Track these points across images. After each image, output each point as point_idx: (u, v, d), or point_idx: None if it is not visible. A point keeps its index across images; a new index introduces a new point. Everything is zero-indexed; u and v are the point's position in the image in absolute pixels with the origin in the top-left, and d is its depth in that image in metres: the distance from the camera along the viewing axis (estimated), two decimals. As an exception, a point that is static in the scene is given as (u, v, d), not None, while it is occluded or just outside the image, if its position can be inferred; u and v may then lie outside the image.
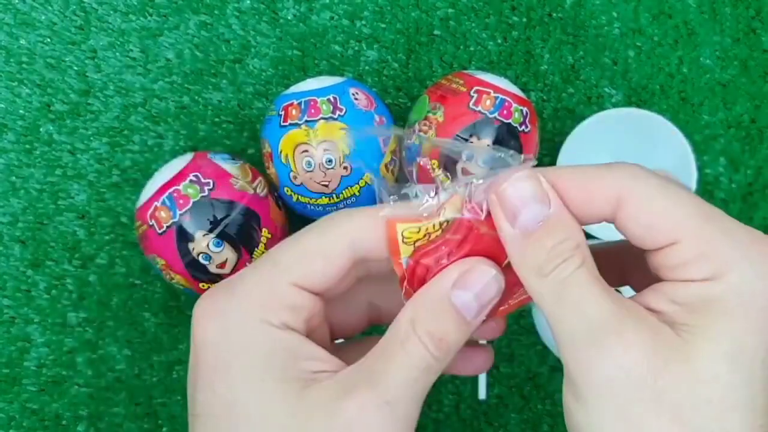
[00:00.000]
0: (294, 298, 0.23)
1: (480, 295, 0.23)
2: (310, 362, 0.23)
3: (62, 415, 0.44)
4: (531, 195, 0.22)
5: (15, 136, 0.45)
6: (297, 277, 0.23)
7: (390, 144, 0.41)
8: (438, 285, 0.23)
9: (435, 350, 0.22)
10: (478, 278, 0.23)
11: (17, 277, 0.44)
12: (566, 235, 0.22)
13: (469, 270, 0.23)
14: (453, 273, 0.23)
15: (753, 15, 0.47)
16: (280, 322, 0.23)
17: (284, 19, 0.46)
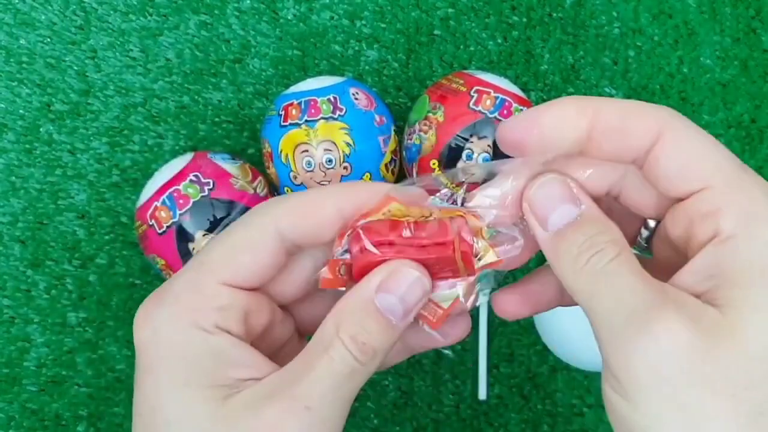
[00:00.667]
0: (223, 298, 0.23)
1: (405, 297, 0.22)
2: (238, 369, 0.22)
3: (62, 415, 0.44)
4: (559, 196, 0.22)
5: (15, 136, 0.45)
6: (224, 275, 0.23)
7: (390, 144, 0.41)
8: (362, 288, 0.23)
9: (359, 354, 0.22)
10: (402, 281, 0.23)
11: (17, 277, 0.44)
12: (598, 229, 0.21)
13: (393, 273, 0.23)
14: (377, 276, 0.23)
15: (753, 15, 0.47)
16: (210, 325, 0.22)
17: (284, 18, 0.46)
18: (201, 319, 0.22)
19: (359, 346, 0.22)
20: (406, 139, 0.42)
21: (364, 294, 0.23)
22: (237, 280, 0.23)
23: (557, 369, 0.46)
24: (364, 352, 0.22)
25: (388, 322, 0.22)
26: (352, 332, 0.22)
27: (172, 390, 0.22)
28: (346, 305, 0.23)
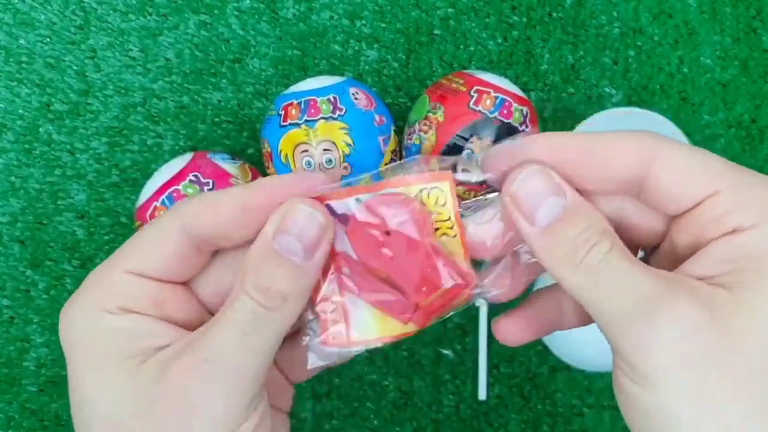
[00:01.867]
0: (128, 284, 0.23)
1: (302, 234, 0.22)
2: (150, 339, 0.22)
3: (61, 416, 0.44)
4: (544, 190, 0.22)
5: (14, 136, 0.44)
6: (129, 264, 0.23)
7: (390, 144, 0.41)
8: (260, 236, 0.23)
9: (264, 300, 0.22)
10: (296, 219, 0.22)
11: (16, 277, 0.44)
12: (588, 222, 0.21)
13: (286, 213, 0.22)
14: (273, 221, 0.22)
15: (753, 15, 0.47)
16: (114, 307, 0.23)
17: (284, 18, 0.46)
18: (106, 303, 0.23)
19: (263, 292, 0.22)
20: (406, 139, 0.42)
21: (262, 240, 0.22)
22: (142, 268, 0.23)
23: (557, 369, 0.46)
24: (270, 297, 0.22)
25: (292, 263, 0.22)
26: (254, 280, 0.22)
27: (90, 372, 0.22)
28: (248, 256, 0.22)
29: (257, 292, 0.22)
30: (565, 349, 0.44)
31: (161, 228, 0.23)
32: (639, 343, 0.20)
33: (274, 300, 0.22)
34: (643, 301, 0.20)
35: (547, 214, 0.21)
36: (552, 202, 0.21)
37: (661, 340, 0.19)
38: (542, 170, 0.22)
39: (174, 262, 0.23)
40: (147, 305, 0.23)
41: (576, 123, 0.44)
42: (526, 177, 0.22)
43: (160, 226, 0.24)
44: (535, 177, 0.22)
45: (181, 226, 0.23)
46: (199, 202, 0.23)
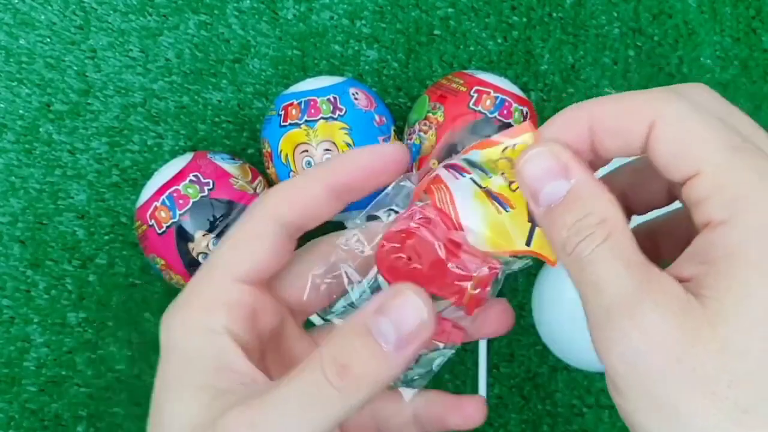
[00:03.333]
0: (232, 293, 0.23)
1: (399, 323, 0.20)
2: (232, 374, 0.22)
3: (62, 416, 0.44)
4: (549, 170, 0.21)
5: (14, 136, 0.44)
6: (234, 270, 0.23)
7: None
8: (362, 310, 0.21)
9: (335, 378, 0.20)
10: (399, 305, 0.21)
11: (17, 277, 0.44)
12: (588, 209, 0.20)
13: (393, 295, 0.21)
14: (380, 298, 0.21)
15: (753, 15, 0.47)
16: (220, 325, 0.22)
17: (284, 18, 0.46)
18: (211, 319, 0.23)
19: (338, 369, 0.20)
20: (406, 139, 0.42)
21: (361, 315, 0.21)
22: (246, 272, 0.23)
23: (557, 369, 0.46)
24: (343, 377, 0.20)
25: (378, 347, 0.20)
26: (335, 352, 0.20)
27: (173, 385, 0.22)
28: (340, 328, 0.21)
29: (331, 366, 0.20)
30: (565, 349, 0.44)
31: (256, 224, 0.24)
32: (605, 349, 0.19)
33: (345, 380, 0.20)
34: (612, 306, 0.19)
35: (548, 196, 0.21)
36: (555, 185, 0.21)
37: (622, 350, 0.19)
38: (548, 150, 0.21)
39: (272, 257, 0.24)
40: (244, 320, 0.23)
41: (576, 123, 0.44)
42: (530, 157, 0.21)
43: (253, 222, 0.24)
44: (539, 157, 0.21)
45: (274, 218, 0.23)
46: (286, 191, 0.24)
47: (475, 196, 0.24)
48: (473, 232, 0.24)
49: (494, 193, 0.24)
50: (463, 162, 0.24)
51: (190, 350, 0.23)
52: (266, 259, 0.24)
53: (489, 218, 0.24)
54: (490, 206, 0.24)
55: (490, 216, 0.24)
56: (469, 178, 0.24)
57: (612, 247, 0.20)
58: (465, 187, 0.24)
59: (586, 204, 0.20)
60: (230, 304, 0.23)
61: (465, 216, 0.24)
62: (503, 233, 0.24)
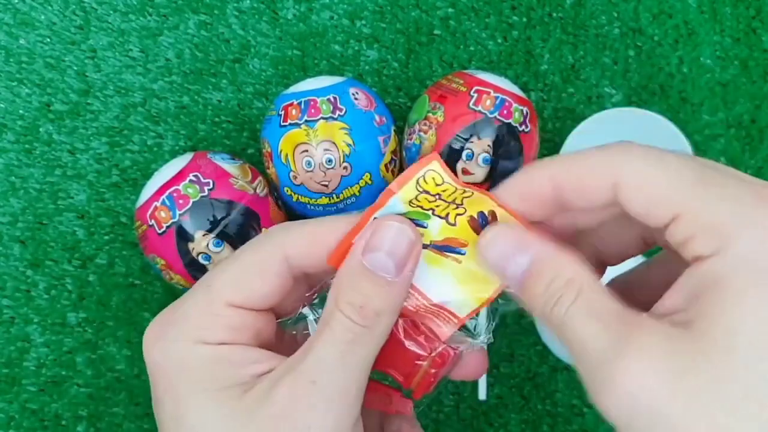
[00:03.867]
0: (233, 318, 0.23)
1: (392, 250, 0.22)
2: (251, 367, 0.23)
3: (62, 416, 0.44)
4: (508, 249, 0.22)
5: (14, 136, 0.44)
6: (234, 298, 0.23)
7: (390, 144, 0.41)
8: (351, 255, 0.23)
9: (359, 318, 0.22)
10: (384, 235, 0.23)
11: (17, 277, 0.44)
12: (552, 274, 0.21)
13: (374, 231, 0.23)
14: (362, 239, 0.23)
15: (753, 15, 0.47)
16: (217, 341, 0.23)
17: (284, 18, 0.46)
18: (208, 336, 0.23)
19: (357, 311, 0.22)
20: (406, 139, 0.42)
21: (353, 259, 0.23)
22: (246, 302, 0.23)
23: (557, 369, 0.46)
24: (365, 315, 0.22)
25: (383, 280, 0.22)
26: (348, 298, 0.22)
27: (191, 398, 0.22)
28: (340, 276, 0.23)
29: (352, 311, 0.22)
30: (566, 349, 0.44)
31: (263, 257, 0.23)
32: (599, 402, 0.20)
33: (369, 317, 0.22)
34: (597, 364, 0.20)
35: (514, 272, 0.22)
36: (516, 260, 0.22)
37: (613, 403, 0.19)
38: (505, 228, 0.23)
39: (276, 294, 0.24)
40: (248, 338, 0.23)
41: (576, 123, 0.44)
42: (489, 240, 0.23)
43: (261, 255, 0.23)
44: (498, 236, 0.23)
45: (283, 257, 0.23)
46: (301, 235, 0.24)
47: (428, 263, 0.24)
48: (451, 302, 0.24)
49: (440, 244, 0.24)
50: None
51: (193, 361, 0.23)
52: (268, 294, 0.24)
53: (454, 276, 0.24)
54: (446, 261, 0.24)
55: (453, 272, 0.24)
56: None
57: (584, 304, 0.21)
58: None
59: (550, 269, 0.22)
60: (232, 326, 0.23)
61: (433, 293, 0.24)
62: (477, 278, 0.24)
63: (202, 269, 0.38)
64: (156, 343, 0.23)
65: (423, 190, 0.23)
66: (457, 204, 0.24)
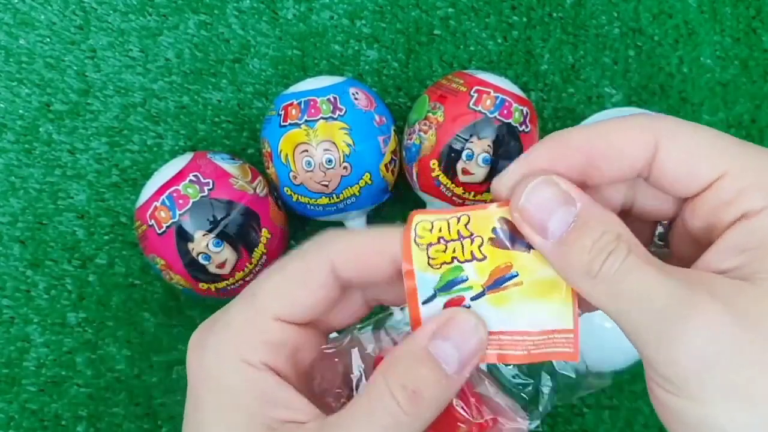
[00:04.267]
0: (274, 333, 0.22)
1: (460, 345, 0.21)
2: (281, 410, 0.22)
3: (62, 416, 0.44)
4: (552, 200, 0.21)
5: (14, 136, 0.44)
6: (278, 310, 0.22)
7: (390, 144, 0.41)
8: (416, 336, 0.22)
9: (407, 404, 0.20)
10: (457, 327, 0.21)
11: (17, 277, 0.44)
12: (603, 227, 0.20)
13: (449, 319, 0.21)
14: (432, 323, 0.22)
15: (753, 15, 0.47)
16: (258, 361, 0.22)
17: (284, 18, 0.46)
18: (249, 353, 0.22)
19: (408, 395, 0.20)
20: (406, 139, 0.42)
21: (418, 341, 0.21)
22: (291, 314, 0.22)
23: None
24: (414, 402, 0.20)
25: (443, 372, 0.21)
26: (401, 380, 0.21)
27: (215, 421, 0.21)
28: (397, 352, 0.21)
29: (402, 394, 0.20)
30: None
31: (310, 267, 0.22)
32: (668, 356, 0.19)
33: (417, 406, 0.20)
34: (664, 310, 0.19)
35: (558, 225, 0.20)
36: (562, 212, 0.20)
37: (689, 350, 0.19)
38: (548, 179, 0.21)
39: (321, 305, 0.23)
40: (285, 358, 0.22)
41: (576, 123, 0.44)
42: (532, 189, 0.21)
43: (308, 267, 0.22)
44: (541, 188, 0.21)
45: (330, 267, 0.22)
46: (350, 245, 0.22)
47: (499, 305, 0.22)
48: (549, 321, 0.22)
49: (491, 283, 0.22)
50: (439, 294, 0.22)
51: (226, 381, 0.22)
52: (314, 306, 0.22)
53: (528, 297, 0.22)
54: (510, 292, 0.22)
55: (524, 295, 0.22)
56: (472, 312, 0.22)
57: (640, 256, 0.20)
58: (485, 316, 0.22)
59: (599, 224, 0.20)
60: (272, 341, 0.22)
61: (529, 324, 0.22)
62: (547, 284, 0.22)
63: (202, 269, 0.38)
64: (197, 350, 0.22)
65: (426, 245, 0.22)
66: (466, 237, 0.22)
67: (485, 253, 0.22)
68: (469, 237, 0.22)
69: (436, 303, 0.22)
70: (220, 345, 0.22)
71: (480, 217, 0.22)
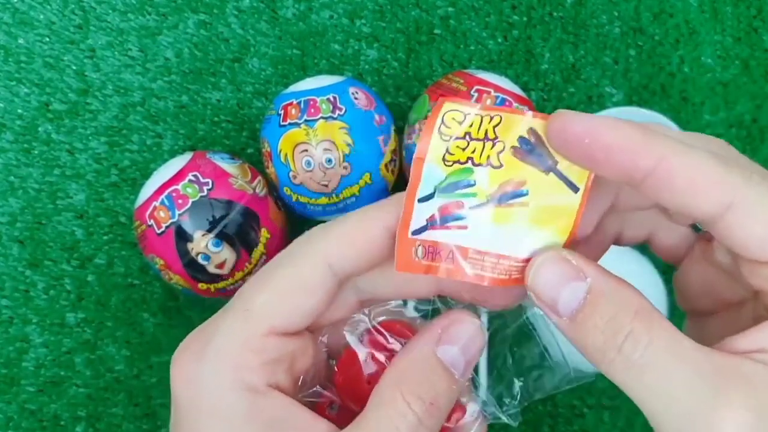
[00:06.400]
0: (272, 350, 0.21)
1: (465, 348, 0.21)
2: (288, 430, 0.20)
3: (61, 416, 0.44)
4: (561, 276, 0.20)
5: (13, 136, 0.44)
6: (275, 323, 0.21)
7: (390, 144, 0.41)
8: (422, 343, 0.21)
9: (425, 416, 0.20)
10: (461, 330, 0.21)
11: (16, 277, 0.44)
12: (617, 305, 0.19)
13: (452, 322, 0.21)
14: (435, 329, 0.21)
15: (754, 14, 0.47)
16: (261, 383, 0.20)
17: (284, 18, 0.46)
18: (248, 376, 0.20)
19: (427, 407, 0.20)
20: (406, 139, 0.42)
21: (425, 348, 0.21)
22: (289, 326, 0.21)
23: (558, 369, 0.46)
24: (431, 414, 0.20)
25: (453, 378, 0.21)
26: (418, 392, 0.20)
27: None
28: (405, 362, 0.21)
29: (421, 407, 0.20)
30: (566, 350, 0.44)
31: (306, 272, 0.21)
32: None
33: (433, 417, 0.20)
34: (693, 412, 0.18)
35: (568, 302, 0.19)
36: (572, 288, 0.19)
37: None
38: (556, 256, 0.20)
39: (321, 308, 0.21)
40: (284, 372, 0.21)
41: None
42: (539, 266, 0.20)
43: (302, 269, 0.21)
44: (549, 265, 0.20)
45: (326, 266, 0.21)
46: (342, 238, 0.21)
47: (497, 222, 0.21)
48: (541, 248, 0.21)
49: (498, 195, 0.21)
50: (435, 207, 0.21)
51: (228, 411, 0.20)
52: (313, 312, 0.21)
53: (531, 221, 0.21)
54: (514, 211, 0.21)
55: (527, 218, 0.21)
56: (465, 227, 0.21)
57: (664, 344, 0.18)
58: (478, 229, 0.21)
59: (613, 299, 0.19)
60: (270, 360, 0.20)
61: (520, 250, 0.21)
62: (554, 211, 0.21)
63: (202, 269, 0.38)
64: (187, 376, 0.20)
65: (450, 137, 0.20)
66: (490, 139, 0.20)
67: (503, 161, 0.20)
68: (493, 140, 0.20)
69: (432, 204, 0.21)
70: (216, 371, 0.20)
71: (510, 121, 0.20)
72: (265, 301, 0.21)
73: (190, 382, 0.20)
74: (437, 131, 0.20)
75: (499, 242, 0.21)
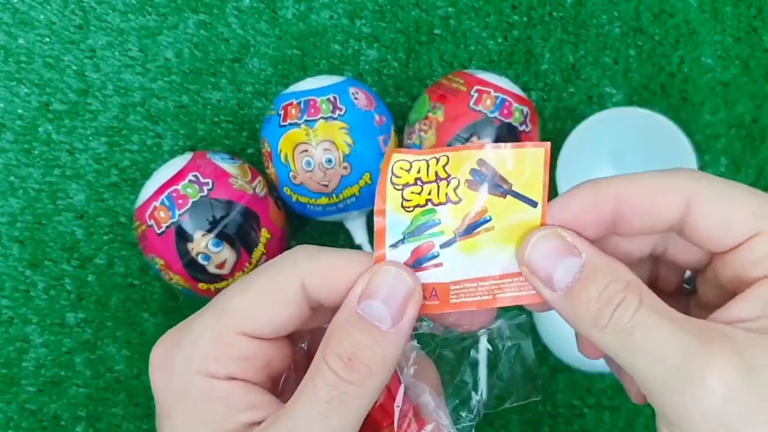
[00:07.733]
0: (243, 348, 0.22)
1: (387, 299, 0.21)
2: (249, 413, 0.21)
3: (61, 416, 0.44)
4: (557, 251, 0.21)
5: (13, 136, 0.44)
6: (246, 326, 0.22)
7: (390, 144, 0.41)
8: (346, 303, 0.21)
9: (346, 372, 0.20)
10: (380, 281, 0.21)
11: (16, 277, 0.44)
12: (609, 276, 0.20)
13: (371, 276, 0.21)
14: (358, 285, 0.21)
15: (754, 14, 0.47)
16: (224, 375, 0.21)
17: (284, 18, 0.46)
18: (216, 368, 0.21)
19: (346, 363, 0.20)
20: (406, 139, 0.42)
21: (347, 307, 0.21)
22: (259, 332, 0.22)
23: (557, 369, 0.46)
24: (354, 369, 0.20)
25: (377, 330, 0.21)
26: (336, 350, 0.20)
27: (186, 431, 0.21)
28: (331, 326, 0.21)
29: (339, 363, 0.20)
30: (566, 349, 0.44)
31: (280, 285, 0.22)
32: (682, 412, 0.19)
33: (357, 372, 0.20)
34: (678, 366, 0.19)
35: (564, 276, 0.21)
36: (567, 262, 0.21)
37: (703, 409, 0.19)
38: (552, 232, 0.21)
39: (291, 323, 0.22)
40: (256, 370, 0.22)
41: (577, 123, 0.44)
42: (536, 242, 0.21)
43: (278, 282, 0.22)
44: (545, 240, 0.21)
45: (300, 286, 0.22)
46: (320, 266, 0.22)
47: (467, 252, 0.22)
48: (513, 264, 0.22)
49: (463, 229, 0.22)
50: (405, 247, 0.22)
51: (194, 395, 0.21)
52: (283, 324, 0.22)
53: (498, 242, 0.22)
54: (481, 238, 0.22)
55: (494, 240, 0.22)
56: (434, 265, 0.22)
57: (650, 308, 0.20)
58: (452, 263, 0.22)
59: (606, 272, 0.20)
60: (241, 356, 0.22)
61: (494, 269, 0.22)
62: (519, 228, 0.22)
63: (202, 269, 0.38)
64: (162, 365, 0.22)
65: (402, 185, 0.22)
66: (443, 178, 0.22)
67: (461, 195, 0.22)
68: (446, 179, 0.22)
69: (404, 249, 0.22)
70: (187, 360, 0.22)
71: (458, 158, 0.22)
72: (239, 304, 0.22)
73: (165, 368, 0.22)
74: (389, 182, 0.22)
75: (475, 268, 0.22)
